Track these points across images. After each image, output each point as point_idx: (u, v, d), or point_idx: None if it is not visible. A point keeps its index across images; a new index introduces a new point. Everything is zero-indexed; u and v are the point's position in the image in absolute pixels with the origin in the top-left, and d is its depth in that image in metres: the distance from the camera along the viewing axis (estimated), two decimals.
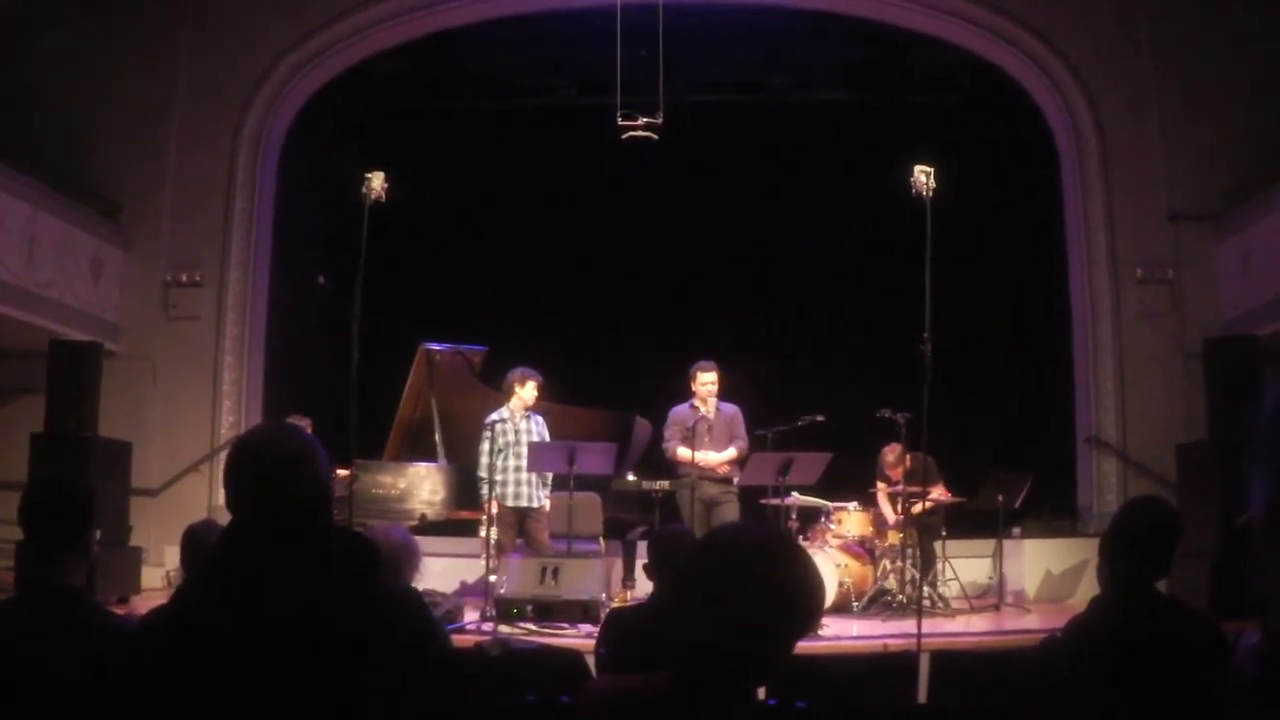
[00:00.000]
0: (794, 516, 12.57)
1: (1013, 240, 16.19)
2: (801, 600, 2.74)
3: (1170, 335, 14.64)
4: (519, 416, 12.26)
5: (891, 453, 12.66)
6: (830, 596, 11.39)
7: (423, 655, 3.28)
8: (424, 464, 12.66)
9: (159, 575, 13.36)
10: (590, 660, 6.35)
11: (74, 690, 3.05)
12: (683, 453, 12.34)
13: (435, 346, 12.91)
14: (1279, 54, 14.19)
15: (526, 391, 12.28)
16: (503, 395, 12.40)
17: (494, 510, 11.87)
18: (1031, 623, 11.63)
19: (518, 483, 12.17)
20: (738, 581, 2.69)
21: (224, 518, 3.38)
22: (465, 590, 13.22)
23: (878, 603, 12.05)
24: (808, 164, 16.47)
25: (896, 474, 12.58)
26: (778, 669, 2.71)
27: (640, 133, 12.89)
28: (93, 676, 2.90)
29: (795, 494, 12.38)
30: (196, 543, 5.88)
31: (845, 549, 12.46)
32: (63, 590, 4.11)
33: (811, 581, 2.79)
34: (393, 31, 15.97)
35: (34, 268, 13.40)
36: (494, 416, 12.12)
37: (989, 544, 13.61)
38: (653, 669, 2.85)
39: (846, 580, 12.06)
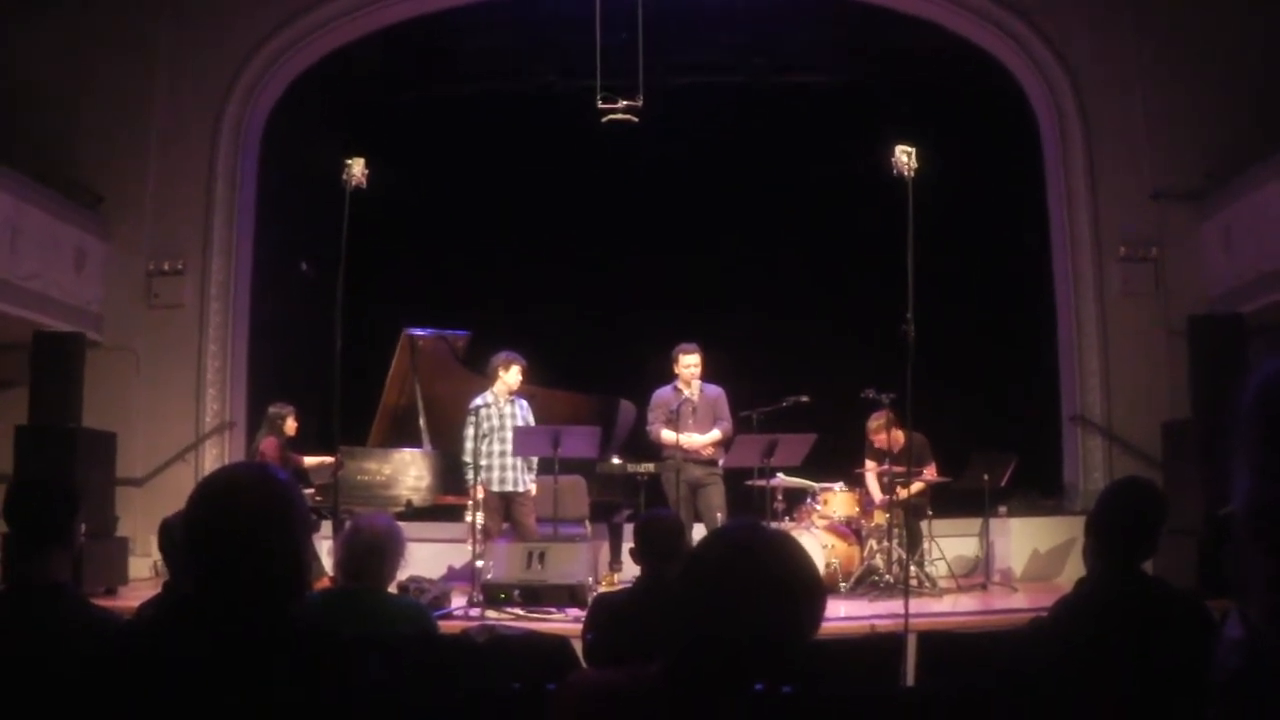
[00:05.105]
0: (780, 498, 12.59)
1: (996, 219, 16.17)
2: (813, 599, 2.75)
3: (1154, 313, 14.64)
4: (503, 401, 12.24)
5: (877, 420, 12.63)
6: None
7: None
8: (409, 450, 12.67)
9: (146, 565, 13.34)
10: (577, 645, 6.34)
11: (59, 685, 3.00)
12: (667, 435, 12.32)
13: (418, 332, 12.91)
14: (1262, 31, 14.19)
15: (510, 376, 12.26)
16: (487, 380, 12.38)
17: (480, 495, 11.86)
18: (1019, 602, 11.66)
19: (503, 467, 12.16)
20: (755, 576, 2.69)
21: None
22: (452, 575, 13.21)
23: (865, 583, 12.03)
24: (789, 145, 16.44)
25: (881, 439, 12.55)
26: (781, 665, 2.71)
27: (620, 115, 12.89)
28: (78, 671, 2.82)
29: (781, 475, 12.39)
30: (173, 535, 5.85)
31: (831, 529, 12.47)
32: (48, 584, 4.10)
33: (820, 584, 2.81)
34: (372, 17, 15.89)
35: (17, 260, 13.34)
36: (478, 401, 12.11)
37: (975, 523, 13.62)
38: (640, 653, 2.84)
39: (833, 561, 12.06)
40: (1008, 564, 13.73)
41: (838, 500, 12.73)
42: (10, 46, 14.85)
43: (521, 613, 10.35)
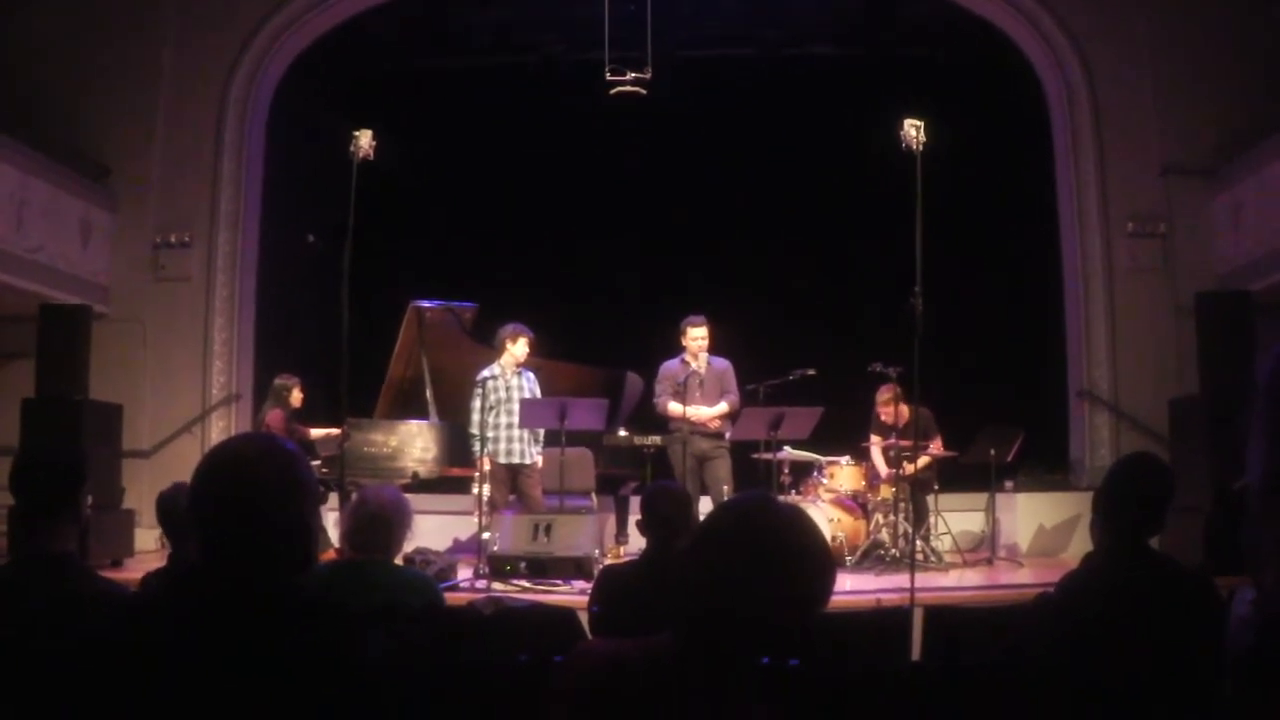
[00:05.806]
0: (786, 471, 12.59)
1: (1004, 194, 16.10)
2: (823, 573, 2.74)
3: (1162, 289, 14.62)
4: (510, 373, 12.21)
5: (885, 393, 12.60)
6: None
7: None
8: (416, 421, 12.67)
9: (152, 537, 13.30)
10: (583, 617, 6.35)
11: (65, 657, 3.00)
12: (674, 408, 12.31)
13: (425, 304, 12.90)
14: (1271, 8, 14.14)
15: (518, 348, 12.23)
16: (494, 352, 12.36)
17: (486, 467, 11.85)
18: (1025, 577, 11.63)
19: (510, 439, 12.14)
20: (766, 549, 2.67)
21: None
22: (458, 548, 13.25)
23: (871, 557, 12.06)
24: (797, 118, 16.39)
25: (889, 413, 12.52)
26: (791, 639, 2.70)
27: (629, 88, 12.87)
28: (84, 643, 2.81)
29: (787, 448, 12.39)
30: (170, 507, 5.87)
31: (838, 503, 12.48)
32: (54, 556, 4.10)
33: (831, 557, 2.79)
34: None
35: (23, 232, 13.35)
36: (485, 373, 12.08)
37: (982, 498, 13.62)
38: (646, 626, 2.83)
39: (839, 535, 12.06)
40: (1014, 539, 13.73)
41: (844, 474, 12.73)
42: (17, 20, 14.82)
43: (528, 585, 10.33)
